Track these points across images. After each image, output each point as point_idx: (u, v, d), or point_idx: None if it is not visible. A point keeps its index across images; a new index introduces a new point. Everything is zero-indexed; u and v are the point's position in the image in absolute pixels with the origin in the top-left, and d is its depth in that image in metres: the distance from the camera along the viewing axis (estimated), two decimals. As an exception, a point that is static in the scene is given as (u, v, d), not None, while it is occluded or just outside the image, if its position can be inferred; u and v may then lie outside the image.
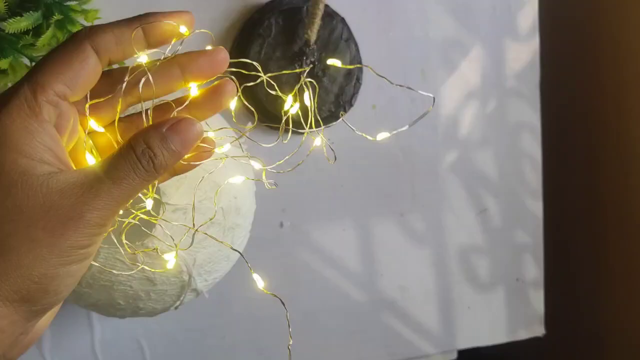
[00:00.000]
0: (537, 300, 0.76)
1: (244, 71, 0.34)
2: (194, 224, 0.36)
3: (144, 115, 0.32)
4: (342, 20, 0.62)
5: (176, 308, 0.47)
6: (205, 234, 0.38)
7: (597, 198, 0.82)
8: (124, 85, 0.31)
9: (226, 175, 0.44)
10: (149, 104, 0.32)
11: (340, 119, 0.64)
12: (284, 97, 0.35)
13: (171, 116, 0.33)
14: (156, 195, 0.40)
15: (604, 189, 0.81)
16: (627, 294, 0.78)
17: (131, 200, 0.29)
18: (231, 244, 0.46)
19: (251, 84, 0.35)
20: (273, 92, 0.35)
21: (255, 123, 0.42)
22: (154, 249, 0.39)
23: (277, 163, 0.39)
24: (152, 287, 0.43)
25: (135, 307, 0.44)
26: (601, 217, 0.82)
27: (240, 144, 0.48)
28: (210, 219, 0.38)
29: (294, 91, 0.33)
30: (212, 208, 0.43)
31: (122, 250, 0.36)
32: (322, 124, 0.38)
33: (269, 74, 0.34)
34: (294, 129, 0.62)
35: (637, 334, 0.76)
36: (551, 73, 0.77)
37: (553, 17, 0.79)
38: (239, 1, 0.61)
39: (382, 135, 0.35)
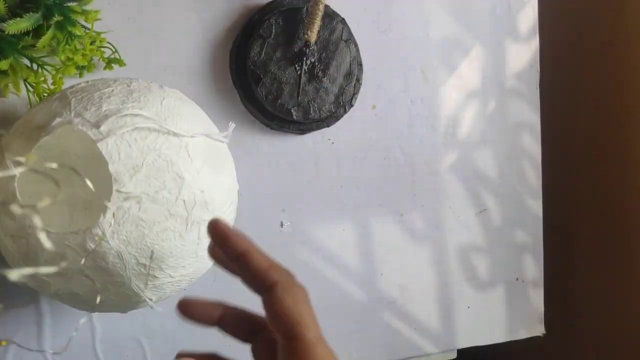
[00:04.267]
0: (537, 299, 0.76)
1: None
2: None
3: None
4: (342, 20, 0.62)
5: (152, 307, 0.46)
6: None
7: (597, 198, 0.82)
8: None
9: (191, 166, 0.43)
10: None
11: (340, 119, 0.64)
12: None
13: None
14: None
15: (603, 188, 0.81)
16: (626, 294, 0.78)
17: None
18: (197, 239, 0.44)
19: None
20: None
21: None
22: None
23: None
24: (109, 277, 0.41)
25: (93, 300, 0.43)
26: (601, 217, 0.82)
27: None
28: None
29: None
30: (171, 200, 0.42)
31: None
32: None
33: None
34: (293, 130, 0.63)
35: (637, 333, 0.77)
36: (551, 73, 0.77)
37: (553, 17, 0.79)
38: (240, 2, 0.61)
39: None
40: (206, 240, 0.46)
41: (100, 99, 0.42)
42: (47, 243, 0.39)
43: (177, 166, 0.42)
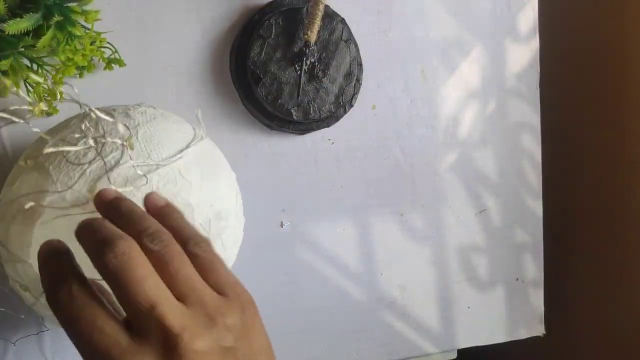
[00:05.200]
0: (537, 299, 0.76)
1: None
2: None
3: None
4: (342, 20, 0.62)
5: None
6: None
7: (597, 197, 0.82)
8: None
9: (192, 188, 0.42)
10: None
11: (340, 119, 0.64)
12: None
13: None
14: None
15: (604, 188, 0.81)
16: (627, 294, 0.78)
17: None
18: (223, 247, 0.45)
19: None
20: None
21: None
22: None
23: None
24: None
25: None
26: (601, 217, 0.82)
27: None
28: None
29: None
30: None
31: None
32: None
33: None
34: (293, 130, 0.63)
35: (637, 333, 0.77)
36: (551, 73, 0.77)
37: (553, 17, 0.79)
38: (240, 2, 0.61)
39: None
40: (232, 242, 0.46)
41: (77, 161, 0.39)
42: None
43: (180, 196, 0.41)
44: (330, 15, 0.62)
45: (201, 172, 0.43)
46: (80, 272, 0.31)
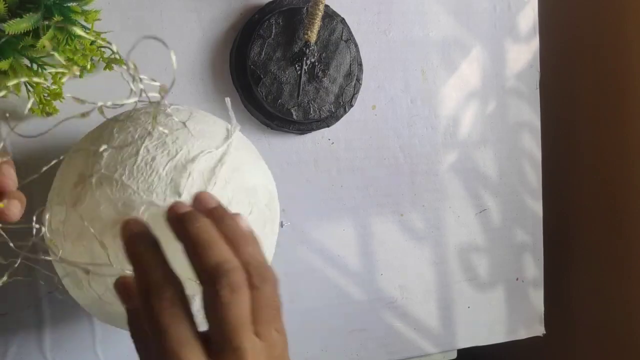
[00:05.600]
0: (537, 299, 0.76)
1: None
2: None
3: None
4: (342, 20, 0.62)
5: None
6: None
7: (597, 198, 0.82)
8: None
9: (253, 171, 0.44)
10: None
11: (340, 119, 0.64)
12: None
13: None
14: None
15: (604, 188, 0.81)
16: (626, 294, 0.78)
17: None
18: (272, 233, 0.46)
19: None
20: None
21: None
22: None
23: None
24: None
25: None
26: (601, 217, 0.82)
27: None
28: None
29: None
30: (262, 208, 0.43)
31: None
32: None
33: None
34: (293, 130, 0.63)
35: (637, 333, 0.77)
36: (551, 73, 0.77)
37: (553, 17, 0.79)
38: (239, 2, 0.61)
39: None
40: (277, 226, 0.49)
41: (147, 166, 0.39)
42: None
43: (249, 182, 0.42)
44: (330, 15, 0.62)
45: (250, 155, 0.45)
46: (177, 276, 0.31)
